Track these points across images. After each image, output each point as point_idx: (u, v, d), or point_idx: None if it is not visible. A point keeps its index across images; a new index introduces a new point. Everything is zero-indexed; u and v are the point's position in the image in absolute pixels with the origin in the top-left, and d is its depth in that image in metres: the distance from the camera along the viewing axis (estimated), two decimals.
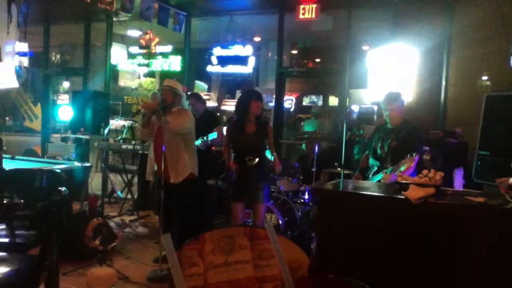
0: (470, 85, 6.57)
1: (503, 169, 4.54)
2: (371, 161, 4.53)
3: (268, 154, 4.57)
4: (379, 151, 4.42)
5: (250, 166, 4.36)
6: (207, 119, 5.91)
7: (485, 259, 2.81)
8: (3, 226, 3.73)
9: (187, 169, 4.65)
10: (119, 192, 7.37)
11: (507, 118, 4.88)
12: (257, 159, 4.37)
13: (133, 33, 10.83)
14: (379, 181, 4.20)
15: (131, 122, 7.71)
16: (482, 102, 5.17)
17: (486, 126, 5.06)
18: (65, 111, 9.13)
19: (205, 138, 5.55)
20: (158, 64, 10.30)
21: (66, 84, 14.05)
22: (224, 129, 6.20)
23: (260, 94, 4.62)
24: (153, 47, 10.19)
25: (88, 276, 3.97)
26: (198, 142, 5.26)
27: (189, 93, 6.64)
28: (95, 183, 6.85)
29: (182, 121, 4.58)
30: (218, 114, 13.38)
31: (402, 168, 3.86)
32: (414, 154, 3.79)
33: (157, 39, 10.13)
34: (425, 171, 3.31)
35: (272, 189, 5.75)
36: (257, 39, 11.50)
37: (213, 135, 5.63)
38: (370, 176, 4.45)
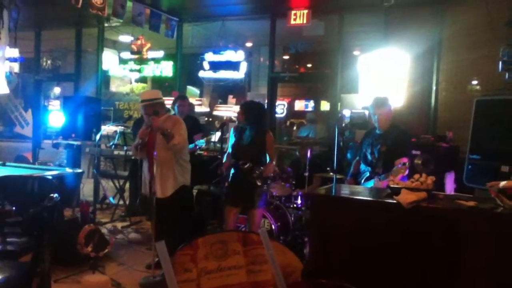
0: (460, 90, 6.62)
1: (494, 173, 4.58)
2: (363, 166, 4.55)
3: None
4: (369, 156, 4.44)
5: (246, 172, 4.39)
6: (189, 124, 5.87)
7: (478, 262, 2.83)
8: None
9: (177, 183, 4.58)
10: (111, 198, 7.33)
11: (497, 122, 4.92)
12: (249, 164, 4.39)
13: (125, 38, 10.81)
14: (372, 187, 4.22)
15: (123, 127, 7.68)
16: (472, 106, 5.21)
17: (477, 130, 5.10)
18: (56, 117, 9.07)
19: (193, 144, 5.53)
20: (150, 70, 10.29)
21: (57, 90, 13.97)
22: (217, 134, 6.20)
23: (242, 104, 4.67)
24: (144, 53, 10.17)
25: (82, 284, 3.94)
26: None
27: (176, 96, 6.64)
28: (86, 189, 6.81)
29: (183, 133, 4.53)
30: (211, 119, 13.39)
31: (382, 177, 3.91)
32: (407, 164, 3.81)
33: (148, 45, 10.12)
34: (416, 176, 3.33)
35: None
36: (249, 44, 11.52)
37: (201, 143, 5.62)
38: (362, 182, 4.47)
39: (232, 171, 4.60)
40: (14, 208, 3.64)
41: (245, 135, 4.56)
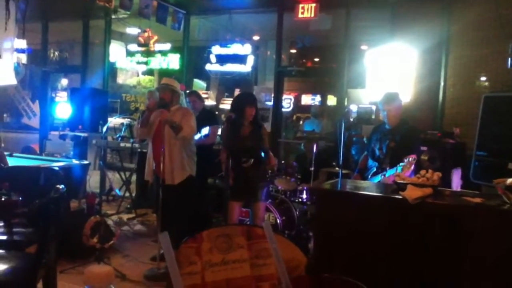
0: (468, 86, 6.57)
1: (500, 170, 4.55)
2: (370, 162, 4.54)
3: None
4: (377, 152, 4.42)
5: (247, 167, 4.38)
6: (205, 117, 5.91)
7: (484, 259, 2.82)
8: (1, 224, 3.73)
9: (185, 172, 4.67)
10: (117, 190, 7.37)
11: (505, 118, 4.88)
12: (252, 160, 4.38)
13: (132, 30, 10.82)
14: (378, 182, 4.21)
15: (129, 120, 7.71)
16: (480, 102, 5.18)
17: (484, 126, 5.07)
18: (63, 108, 9.13)
19: (198, 134, 5.55)
20: (157, 62, 10.28)
21: (64, 82, 14.03)
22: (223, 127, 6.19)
23: (254, 99, 4.60)
24: (151, 45, 10.17)
25: (85, 274, 3.95)
26: None
27: (187, 91, 6.63)
28: (93, 181, 6.86)
29: (193, 124, 4.62)
30: (217, 112, 13.39)
31: (400, 170, 3.87)
32: (413, 159, 3.79)
33: (155, 37, 10.12)
34: (423, 171, 3.32)
35: (270, 188, 5.76)
36: (256, 38, 11.49)
37: (204, 130, 5.62)
38: (369, 177, 4.45)
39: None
40: (20, 198, 3.66)
41: (240, 129, 4.51)
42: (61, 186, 3.03)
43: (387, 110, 4.36)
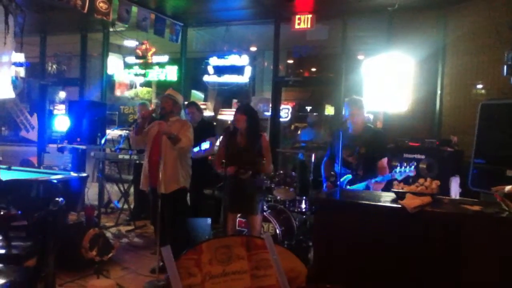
0: (465, 94, 6.60)
1: (499, 177, 4.56)
2: (336, 168, 4.42)
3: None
4: (349, 159, 4.35)
5: (243, 180, 4.34)
6: (204, 129, 5.92)
7: (483, 266, 2.81)
8: None
9: (178, 183, 4.66)
10: (115, 202, 7.34)
11: (502, 126, 4.90)
12: (250, 172, 4.35)
13: (130, 43, 10.84)
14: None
15: (127, 132, 7.70)
16: (477, 110, 5.20)
17: (481, 134, 5.09)
18: (61, 121, 9.12)
19: (198, 148, 5.55)
20: (155, 74, 10.31)
21: (62, 94, 14.04)
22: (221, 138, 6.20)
23: (242, 107, 4.62)
24: (149, 57, 10.19)
25: None
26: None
27: (186, 102, 6.64)
28: (91, 193, 6.82)
29: (190, 136, 4.64)
30: (215, 123, 13.39)
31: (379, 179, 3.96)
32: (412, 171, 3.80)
33: (153, 49, 10.14)
34: (421, 180, 3.32)
35: (269, 198, 5.75)
36: (253, 49, 11.53)
37: (205, 145, 5.62)
38: (348, 186, 4.34)
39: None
40: (19, 212, 3.65)
41: (237, 140, 4.50)
42: (60, 199, 3.02)
43: (355, 115, 4.35)
